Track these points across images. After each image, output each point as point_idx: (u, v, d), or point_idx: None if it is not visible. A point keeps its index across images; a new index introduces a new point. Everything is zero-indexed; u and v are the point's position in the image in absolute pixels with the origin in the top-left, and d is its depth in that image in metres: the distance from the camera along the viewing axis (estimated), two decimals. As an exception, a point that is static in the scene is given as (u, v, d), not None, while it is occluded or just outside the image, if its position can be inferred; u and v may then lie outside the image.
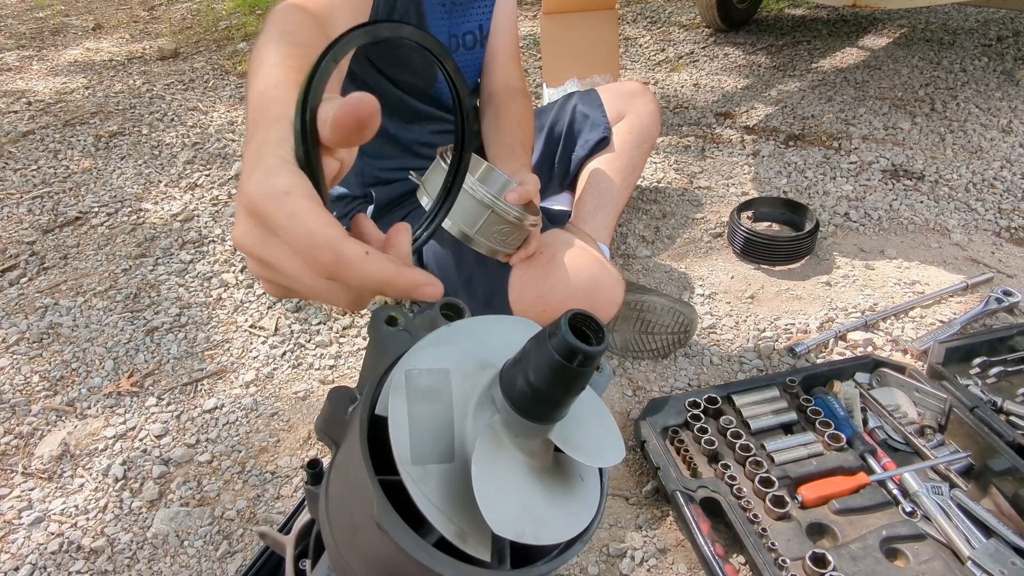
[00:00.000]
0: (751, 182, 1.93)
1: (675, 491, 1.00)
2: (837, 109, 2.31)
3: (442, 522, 0.45)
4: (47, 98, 2.66)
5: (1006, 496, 1.00)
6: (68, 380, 1.35)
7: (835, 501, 1.00)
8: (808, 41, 2.93)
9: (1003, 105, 2.26)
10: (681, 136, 2.20)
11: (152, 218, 1.86)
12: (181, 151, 2.22)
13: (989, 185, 1.86)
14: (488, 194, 1.00)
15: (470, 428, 0.49)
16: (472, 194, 1.00)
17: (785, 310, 1.46)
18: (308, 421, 1.25)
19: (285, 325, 1.46)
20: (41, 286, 1.62)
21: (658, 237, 1.72)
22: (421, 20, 1.19)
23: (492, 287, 1.22)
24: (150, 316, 1.51)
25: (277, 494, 1.12)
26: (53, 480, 1.16)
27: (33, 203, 1.95)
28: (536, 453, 0.50)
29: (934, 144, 2.07)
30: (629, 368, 1.33)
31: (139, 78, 2.83)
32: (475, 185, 1.00)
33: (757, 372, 1.32)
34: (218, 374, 1.36)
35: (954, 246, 1.64)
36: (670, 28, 3.15)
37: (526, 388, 0.45)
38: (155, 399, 1.30)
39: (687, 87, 2.56)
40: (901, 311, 1.43)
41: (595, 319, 0.44)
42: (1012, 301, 1.41)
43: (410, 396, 0.48)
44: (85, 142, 2.29)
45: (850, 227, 1.72)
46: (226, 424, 1.25)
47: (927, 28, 2.98)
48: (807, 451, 1.07)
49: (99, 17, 3.70)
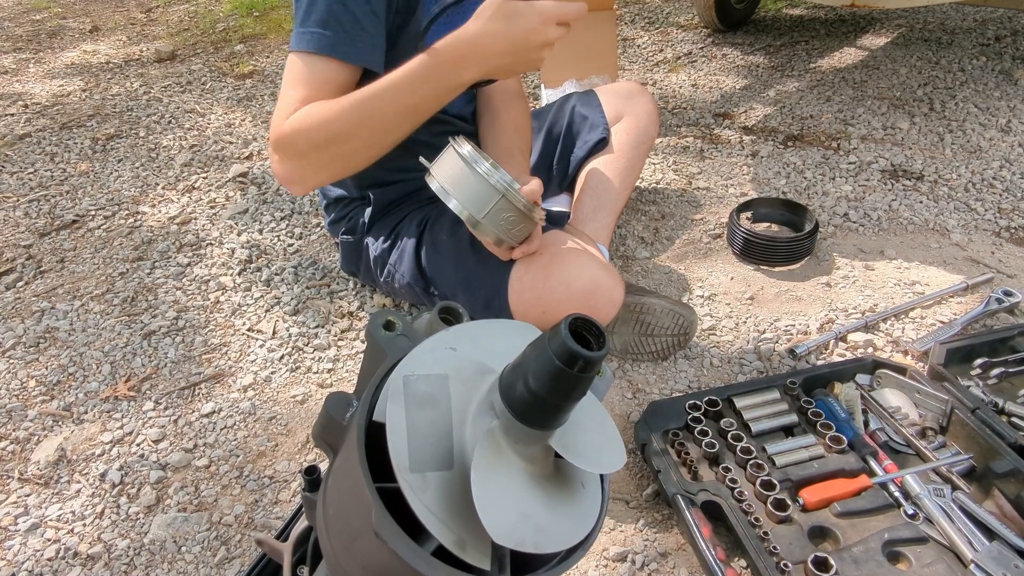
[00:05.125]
0: (750, 183, 1.92)
1: (676, 495, 1.00)
2: (836, 109, 2.31)
3: (441, 531, 0.45)
4: (44, 101, 2.65)
5: (1008, 498, 0.99)
6: (65, 385, 1.35)
7: (837, 504, 0.99)
8: (806, 41, 2.93)
9: (1002, 104, 2.25)
10: (680, 137, 2.19)
11: (149, 221, 1.86)
12: (178, 154, 2.21)
13: (988, 185, 1.85)
14: (503, 180, 1.00)
15: (469, 434, 0.48)
16: (487, 178, 0.99)
17: (785, 311, 1.46)
18: (306, 425, 1.24)
19: (283, 328, 1.45)
20: (38, 290, 1.61)
21: (657, 238, 1.71)
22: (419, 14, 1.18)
23: (492, 288, 1.21)
24: (147, 320, 1.50)
25: (275, 499, 1.11)
26: (49, 486, 1.15)
27: (30, 206, 1.95)
28: (536, 459, 0.49)
29: (933, 144, 2.07)
30: (629, 370, 1.32)
31: (136, 80, 2.82)
32: (491, 170, 1.00)
33: (757, 374, 1.31)
34: (216, 378, 1.35)
35: (954, 246, 1.64)
36: (668, 28, 3.15)
37: (526, 394, 0.45)
38: (152, 403, 1.29)
39: (685, 87, 2.55)
40: (901, 312, 1.43)
41: (596, 324, 0.44)
42: (1012, 301, 1.41)
43: (408, 402, 0.47)
44: (82, 145, 2.28)
45: (849, 227, 1.72)
46: (224, 428, 1.24)
47: (925, 27, 2.98)
48: (808, 453, 1.06)
49: (96, 19, 3.70)
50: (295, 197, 1.92)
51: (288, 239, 1.75)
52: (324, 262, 1.66)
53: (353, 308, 1.50)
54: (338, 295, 1.54)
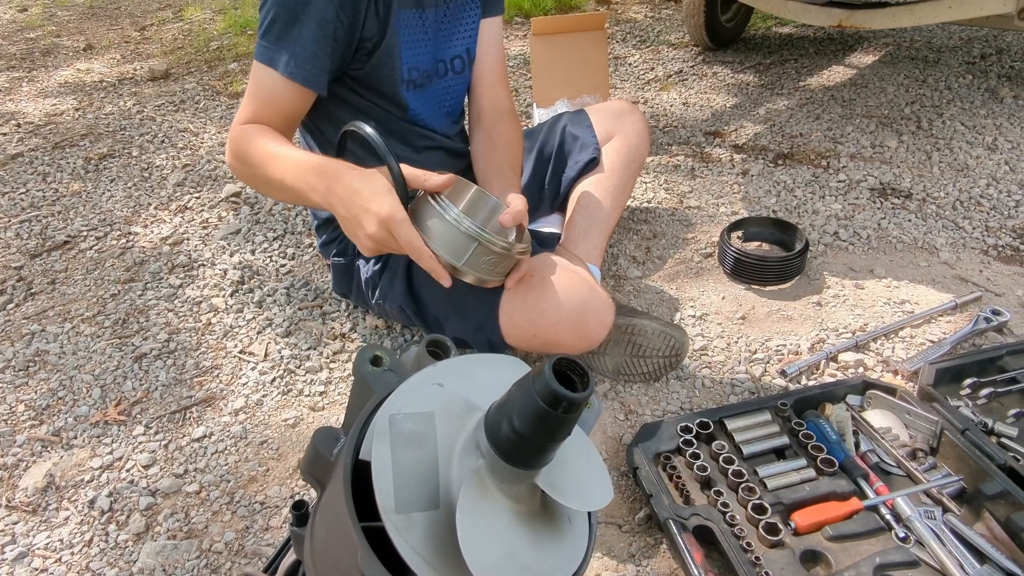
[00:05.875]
0: (741, 201, 1.94)
1: (668, 519, 1.00)
2: (825, 127, 2.33)
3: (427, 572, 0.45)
4: (37, 120, 2.65)
5: (999, 520, 0.99)
6: (54, 409, 1.34)
7: (828, 527, 0.99)
8: (795, 59, 2.97)
9: (988, 123, 2.28)
10: (671, 155, 2.21)
11: (141, 242, 1.86)
12: (171, 173, 2.21)
13: (976, 203, 1.87)
14: (473, 226, 0.99)
15: (455, 474, 0.48)
16: (457, 227, 0.99)
17: (776, 331, 1.47)
18: (298, 449, 1.24)
19: (275, 350, 1.45)
20: (28, 312, 1.61)
21: (649, 257, 1.72)
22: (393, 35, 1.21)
23: (483, 312, 1.22)
24: (138, 342, 1.49)
25: (266, 525, 1.11)
26: (37, 513, 1.14)
27: (21, 227, 1.94)
28: (522, 498, 0.49)
29: (921, 162, 2.09)
30: (621, 391, 1.32)
31: (130, 99, 2.83)
32: (460, 218, 0.99)
33: (749, 394, 1.31)
34: (207, 401, 1.34)
35: (942, 264, 1.65)
36: (659, 47, 3.18)
37: (511, 434, 0.45)
38: (143, 428, 1.29)
39: (676, 105, 2.57)
40: (891, 331, 1.44)
41: (580, 364, 0.44)
42: (1000, 320, 1.42)
43: (394, 442, 0.47)
44: (75, 164, 2.28)
45: (839, 246, 1.73)
46: (215, 453, 1.23)
47: (912, 46, 3.02)
48: (800, 476, 1.07)
49: (90, 38, 3.71)
50: (288, 217, 1.92)
51: (281, 259, 1.75)
52: (316, 283, 1.66)
53: (345, 330, 1.50)
54: (330, 316, 1.54)
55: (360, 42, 1.17)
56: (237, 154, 1.16)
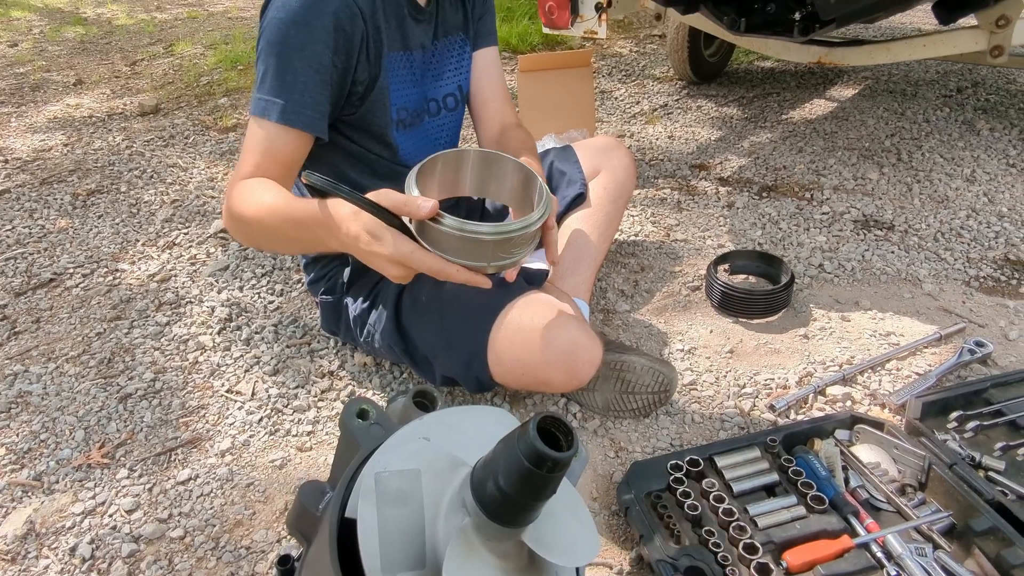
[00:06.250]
0: (727, 234, 1.96)
1: (659, 561, 0.99)
2: (808, 160, 2.37)
3: (412, 637, 0.44)
4: (24, 156, 2.65)
5: (989, 557, 0.99)
6: (36, 452, 1.32)
7: (820, 567, 0.99)
8: (778, 93, 3.03)
9: (966, 155, 2.33)
10: (657, 188, 2.24)
11: (128, 279, 1.85)
12: (160, 209, 2.21)
13: (956, 234, 1.90)
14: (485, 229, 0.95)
15: (441, 532, 0.48)
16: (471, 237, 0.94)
17: (764, 364, 1.47)
18: (285, 492, 1.22)
19: (262, 389, 1.44)
20: (11, 352, 1.59)
21: (637, 291, 1.73)
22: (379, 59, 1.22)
23: (472, 350, 1.22)
24: (124, 382, 1.48)
25: (252, 571, 1.09)
26: (16, 562, 1.11)
27: (6, 264, 1.93)
28: (509, 555, 0.49)
29: (902, 194, 2.13)
30: (611, 428, 1.32)
31: (119, 134, 2.84)
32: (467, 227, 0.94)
33: (738, 429, 1.31)
34: (193, 443, 1.33)
35: (926, 296, 1.67)
36: (644, 81, 3.24)
37: (496, 493, 0.45)
38: (127, 471, 1.27)
39: (662, 139, 2.62)
40: (878, 363, 1.45)
41: (565, 422, 0.44)
42: (984, 352, 1.43)
43: (380, 501, 0.47)
44: (62, 201, 2.28)
45: (825, 278, 1.75)
46: (200, 496, 1.22)
47: (890, 80, 3.09)
48: (790, 514, 1.06)
49: (80, 73, 3.73)
50: (276, 253, 1.92)
51: (269, 296, 1.75)
52: (305, 319, 1.65)
53: (334, 367, 1.49)
54: (318, 354, 1.54)
55: (352, 86, 1.19)
56: (237, 218, 1.12)
